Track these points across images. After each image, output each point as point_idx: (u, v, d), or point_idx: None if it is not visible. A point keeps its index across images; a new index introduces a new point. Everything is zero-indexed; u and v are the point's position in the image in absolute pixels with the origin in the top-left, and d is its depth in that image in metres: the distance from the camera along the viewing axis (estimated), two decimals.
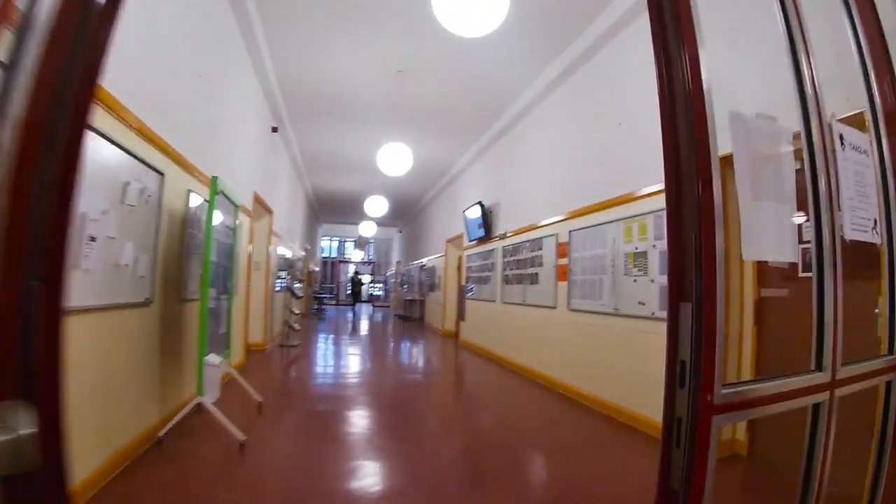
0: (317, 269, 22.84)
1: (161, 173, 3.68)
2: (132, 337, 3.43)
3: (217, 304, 4.44)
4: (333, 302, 27.89)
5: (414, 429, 4.69)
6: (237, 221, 5.01)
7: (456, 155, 11.36)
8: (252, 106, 7.18)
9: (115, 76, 2.86)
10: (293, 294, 10.57)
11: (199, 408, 3.87)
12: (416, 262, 18.33)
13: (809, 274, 3.74)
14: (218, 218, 4.25)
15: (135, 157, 3.25)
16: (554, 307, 6.75)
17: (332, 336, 12.56)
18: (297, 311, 10.71)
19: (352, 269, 27.88)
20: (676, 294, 1.25)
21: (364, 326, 15.83)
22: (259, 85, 7.41)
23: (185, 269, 4.26)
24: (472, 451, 4.19)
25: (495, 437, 4.62)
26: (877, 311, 3.24)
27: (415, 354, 10.04)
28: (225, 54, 5.55)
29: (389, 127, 9.13)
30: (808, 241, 3.65)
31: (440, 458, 3.95)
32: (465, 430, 4.83)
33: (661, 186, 4.38)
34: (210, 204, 3.90)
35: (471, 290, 10.81)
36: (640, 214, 5.03)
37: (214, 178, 3.96)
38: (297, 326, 10.13)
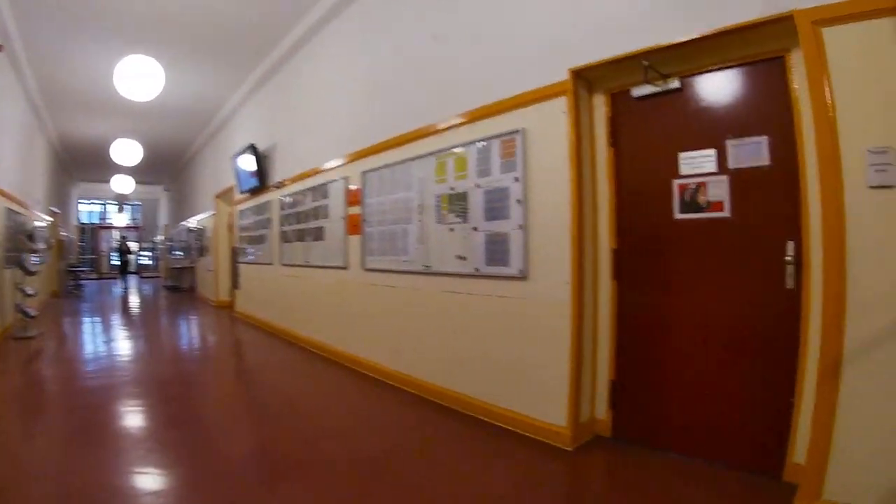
0: (71, 236, 18.05)
1: None
2: None
3: None
4: (95, 275, 22.78)
5: (175, 460, 2.74)
6: None
7: (226, 91, 8.81)
8: None
9: None
10: (25, 270, 7.41)
11: None
12: (184, 224, 15.27)
13: (691, 215, 2.73)
14: None
15: None
16: (345, 267, 5.14)
17: (83, 319, 9.14)
18: (32, 292, 7.59)
19: (116, 235, 22.94)
20: None
21: (126, 303, 12.41)
22: None
23: None
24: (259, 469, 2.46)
25: (286, 439, 2.92)
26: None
27: (180, 335, 7.56)
28: None
29: (146, 50, 6.45)
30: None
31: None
32: (245, 446, 2.97)
33: (488, 105, 2.63)
34: None
35: (245, 252, 8.74)
36: (459, 146, 3.66)
37: None
38: (32, 312, 7.13)
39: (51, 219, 11.96)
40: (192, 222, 13.73)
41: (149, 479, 2.61)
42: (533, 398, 3.18)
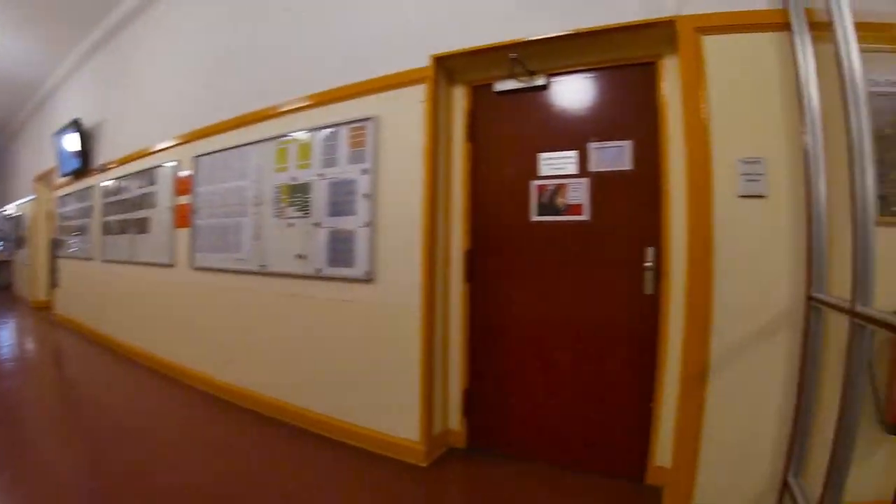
0: None
1: None
2: None
3: None
4: None
5: None
6: None
7: (54, 58, 7.36)
8: None
9: None
10: None
11: None
12: (2, 211, 12.92)
13: (548, 218, 2.46)
14: None
15: None
16: (171, 265, 4.29)
17: None
18: None
19: None
20: None
21: None
22: None
23: None
24: None
25: (111, 470, 2.33)
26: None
27: None
28: None
29: None
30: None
31: None
32: (61, 482, 2.20)
33: (340, 88, 2.22)
34: None
35: (65, 244, 7.40)
36: (303, 131, 3.14)
37: None
38: None
39: None
40: (11, 209, 11.67)
41: None
42: (383, 412, 2.77)
